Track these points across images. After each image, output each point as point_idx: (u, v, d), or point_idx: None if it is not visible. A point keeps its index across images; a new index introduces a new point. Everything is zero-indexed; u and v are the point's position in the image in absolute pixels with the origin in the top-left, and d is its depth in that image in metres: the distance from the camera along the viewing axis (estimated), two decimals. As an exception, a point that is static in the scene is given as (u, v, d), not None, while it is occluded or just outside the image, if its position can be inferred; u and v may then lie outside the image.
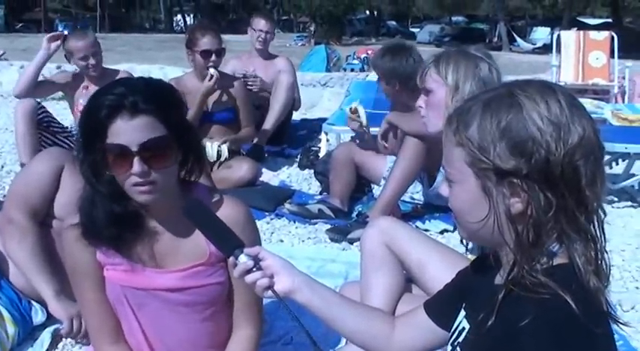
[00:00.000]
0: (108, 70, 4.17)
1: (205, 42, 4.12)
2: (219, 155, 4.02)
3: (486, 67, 2.20)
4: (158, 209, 1.54)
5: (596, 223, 1.01)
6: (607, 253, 1.02)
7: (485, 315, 1.00)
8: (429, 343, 1.30)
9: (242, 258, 1.26)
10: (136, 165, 1.41)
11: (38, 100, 3.83)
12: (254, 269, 1.26)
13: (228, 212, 1.44)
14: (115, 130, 1.41)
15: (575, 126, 0.99)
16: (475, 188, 1.03)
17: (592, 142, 1.00)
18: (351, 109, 3.64)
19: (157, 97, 1.47)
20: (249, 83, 4.80)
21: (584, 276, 0.99)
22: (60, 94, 4.76)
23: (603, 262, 1.02)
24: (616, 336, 1.12)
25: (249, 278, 1.26)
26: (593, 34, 8.92)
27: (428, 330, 1.29)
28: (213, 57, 4.13)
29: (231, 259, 1.28)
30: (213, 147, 3.98)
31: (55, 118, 3.93)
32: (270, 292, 1.26)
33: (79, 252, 1.55)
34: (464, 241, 1.35)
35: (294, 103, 5.13)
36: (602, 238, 1.02)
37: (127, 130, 1.41)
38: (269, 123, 4.78)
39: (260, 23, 5.07)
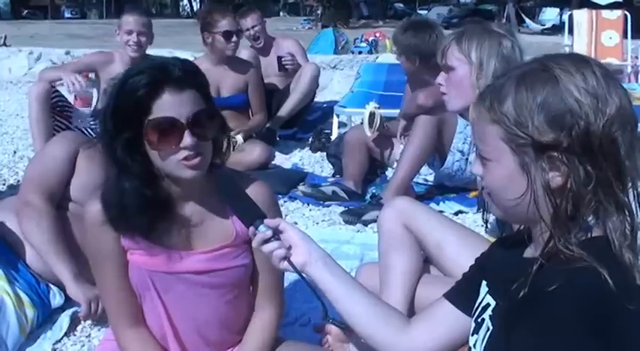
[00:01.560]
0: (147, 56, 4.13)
1: (225, 23, 4.15)
2: (234, 144, 4.02)
3: (509, 44, 2.16)
4: (188, 191, 1.53)
5: (632, 196, 1.01)
6: None
7: (518, 286, 1.00)
8: (452, 334, 1.26)
9: (262, 228, 1.28)
10: (187, 137, 1.41)
11: (53, 83, 3.78)
12: (272, 239, 1.27)
13: (252, 191, 1.44)
14: (161, 105, 1.40)
15: (612, 96, 0.98)
16: (512, 165, 1.03)
17: (628, 113, 1.00)
18: (371, 113, 3.61)
19: (196, 73, 1.49)
20: (286, 62, 4.84)
21: (619, 250, 0.98)
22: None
23: (638, 237, 1.01)
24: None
25: (267, 248, 1.27)
26: (606, 14, 8.79)
27: (450, 319, 1.26)
28: (234, 38, 4.16)
29: (251, 228, 1.29)
30: None
31: (69, 103, 3.88)
32: (286, 264, 1.27)
33: (102, 236, 1.54)
34: (483, 221, 1.33)
35: (314, 93, 5.11)
36: (638, 213, 1.01)
37: (175, 104, 1.41)
38: (285, 110, 4.77)
39: (246, 23, 5.01)
